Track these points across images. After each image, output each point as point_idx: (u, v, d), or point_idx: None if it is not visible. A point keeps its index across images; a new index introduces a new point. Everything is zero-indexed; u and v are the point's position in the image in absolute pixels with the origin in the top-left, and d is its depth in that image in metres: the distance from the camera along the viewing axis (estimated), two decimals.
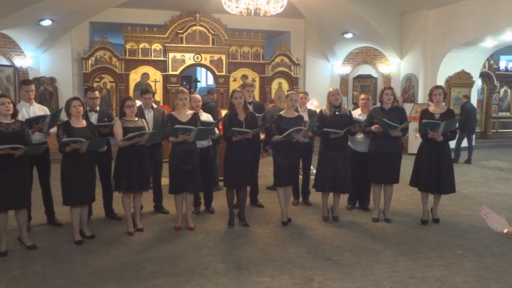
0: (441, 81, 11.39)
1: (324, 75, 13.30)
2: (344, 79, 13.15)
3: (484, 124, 14.87)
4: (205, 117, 5.65)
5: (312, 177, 5.80)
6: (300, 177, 6.28)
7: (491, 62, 14.24)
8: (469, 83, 12.15)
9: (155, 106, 5.81)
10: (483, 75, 13.96)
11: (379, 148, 5.37)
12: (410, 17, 11.72)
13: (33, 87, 5.14)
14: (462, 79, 11.97)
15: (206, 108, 6.21)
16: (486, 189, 7.60)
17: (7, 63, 10.62)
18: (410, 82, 12.05)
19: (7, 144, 4.10)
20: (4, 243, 4.37)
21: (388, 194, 5.56)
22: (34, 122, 4.81)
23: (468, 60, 11.72)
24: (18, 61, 10.83)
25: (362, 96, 6.06)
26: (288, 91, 5.58)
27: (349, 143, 5.68)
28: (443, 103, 5.53)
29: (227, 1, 7.81)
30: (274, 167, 5.43)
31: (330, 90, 5.51)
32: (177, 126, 4.87)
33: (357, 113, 5.90)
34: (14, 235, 4.62)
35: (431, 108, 5.41)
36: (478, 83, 13.18)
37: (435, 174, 5.28)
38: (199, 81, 20.50)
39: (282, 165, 5.30)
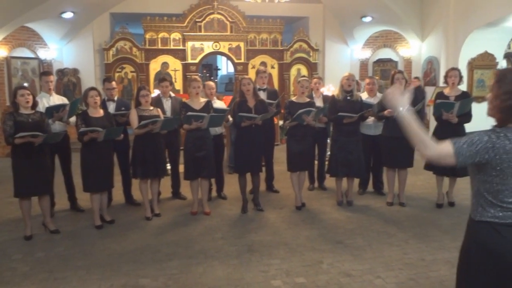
0: (463, 64, 11.09)
1: (344, 60, 13.11)
2: (364, 64, 12.96)
3: None
4: (219, 104, 5.74)
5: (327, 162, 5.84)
6: (316, 162, 6.33)
7: None
8: (493, 65, 11.78)
9: (172, 94, 5.93)
10: (507, 56, 13.52)
11: (392, 132, 5.33)
12: None
13: (52, 78, 5.36)
14: (485, 61, 11.62)
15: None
16: None
17: (32, 55, 10.93)
18: (431, 65, 11.82)
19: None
20: (29, 227, 4.62)
21: (402, 179, 5.56)
22: (55, 111, 5.02)
23: (491, 41, 11.34)
24: (43, 53, 11.12)
25: (367, 80, 6.06)
26: (301, 77, 5.60)
27: None
28: (459, 86, 5.46)
29: None
30: (287, 152, 5.49)
31: (345, 75, 5.53)
32: (190, 113, 4.98)
33: (363, 98, 5.87)
34: (38, 220, 4.86)
35: (446, 91, 5.37)
36: (502, 64, 12.79)
37: None
38: (219, 69, 20.60)
39: (295, 150, 5.36)
